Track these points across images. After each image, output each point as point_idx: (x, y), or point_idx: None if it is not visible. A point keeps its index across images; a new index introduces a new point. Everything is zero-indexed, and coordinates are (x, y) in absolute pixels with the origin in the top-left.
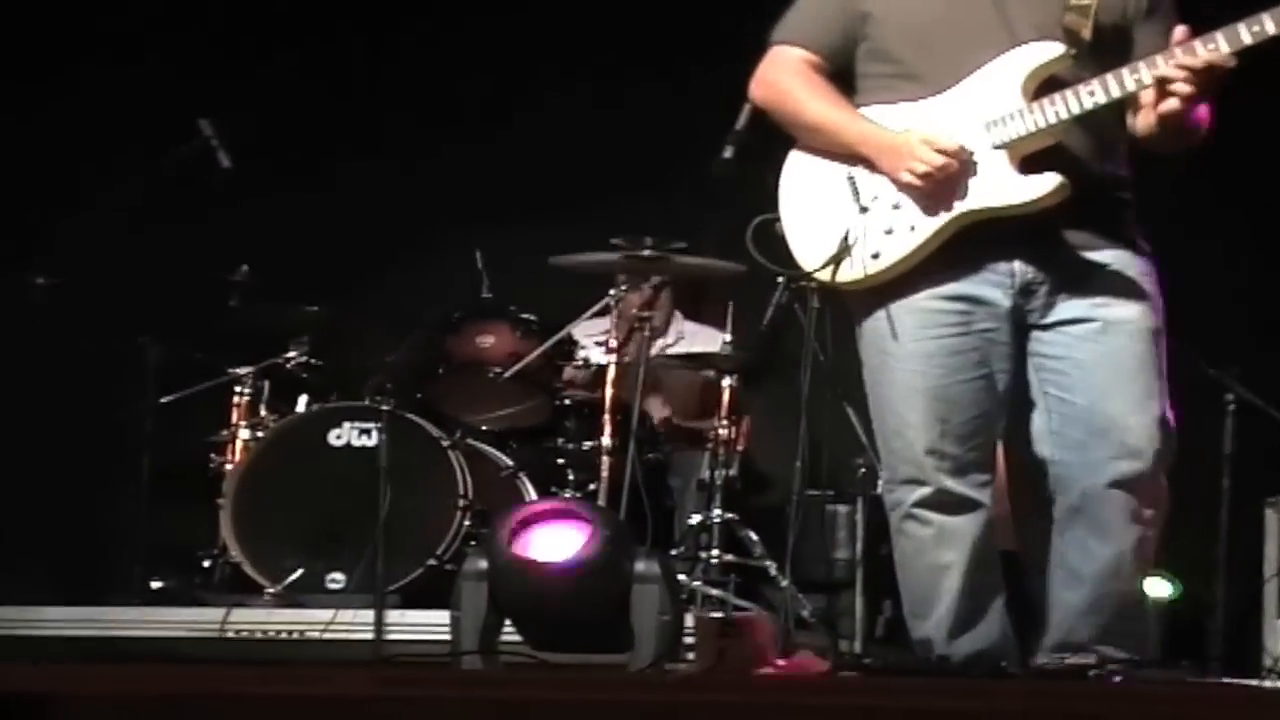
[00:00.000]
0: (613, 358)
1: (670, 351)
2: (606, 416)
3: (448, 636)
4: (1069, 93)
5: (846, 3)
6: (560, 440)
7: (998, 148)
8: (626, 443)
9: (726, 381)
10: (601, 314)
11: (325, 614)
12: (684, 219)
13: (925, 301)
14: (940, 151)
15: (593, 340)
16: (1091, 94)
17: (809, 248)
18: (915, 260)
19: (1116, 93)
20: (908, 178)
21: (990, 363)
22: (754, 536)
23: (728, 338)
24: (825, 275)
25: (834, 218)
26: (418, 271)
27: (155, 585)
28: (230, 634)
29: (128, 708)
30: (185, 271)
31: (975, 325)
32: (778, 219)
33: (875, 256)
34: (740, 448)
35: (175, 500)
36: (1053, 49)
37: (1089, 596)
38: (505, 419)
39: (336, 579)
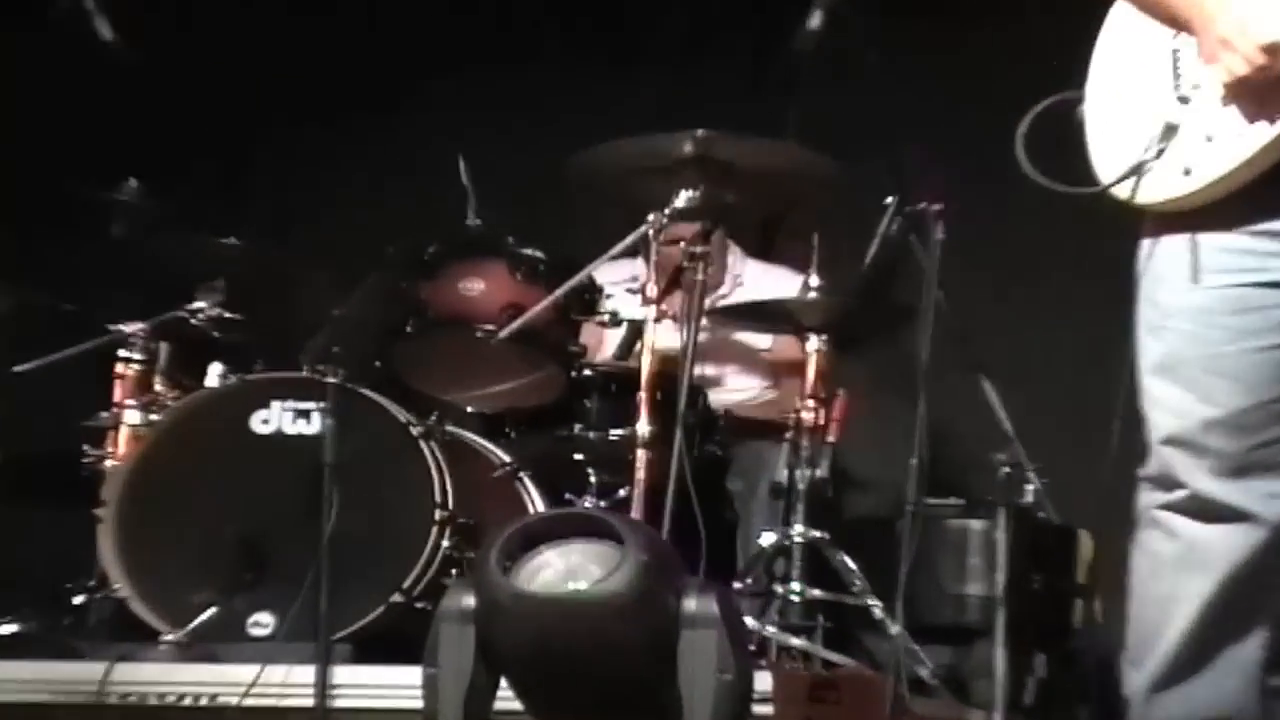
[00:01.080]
0: (651, 310)
1: (725, 303)
2: (643, 394)
3: (418, 703)
4: None
5: None
6: (578, 427)
7: None
8: (671, 430)
9: (812, 344)
10: (635, 250)
11: (247, 671)
12: (751, 112)
13: (1213, 236)
14: (1259, 46)
15: (623, 287)
16: None
17: (1109, 147)
18: (1240, 179)
19: None
20: (1221, 74)
21: None
22: (851, 563)
23: (814, 282)
24: (1123, 192)
25: (1146, 108)
26: (378, 189)
27: (5, 630)
28: (113, 698)
29: None
30: (47, 186)
31: None
32: (1079, 100)
33: (1187, 172)
34: (831, 438)
35: (34, 510)
36: None
37: None
38: (501, 396)
39: (263, 622)
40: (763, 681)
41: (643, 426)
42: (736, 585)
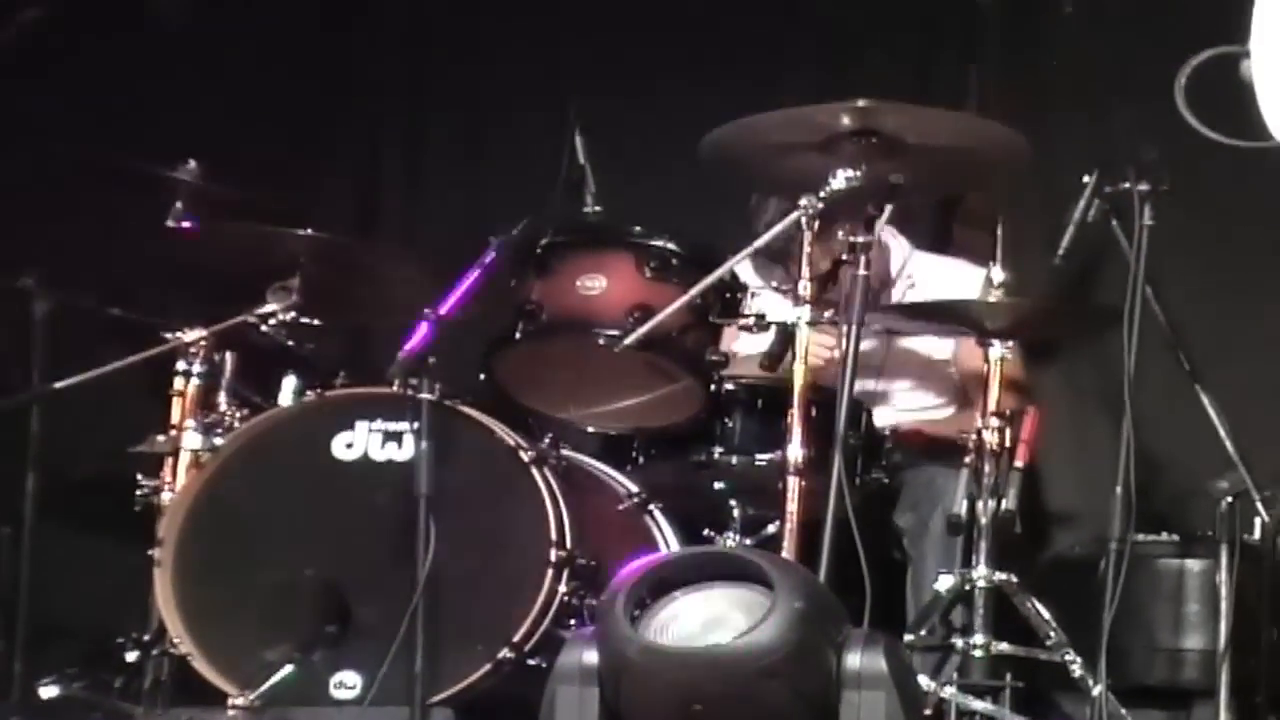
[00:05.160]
0: (805, 312)
1: (892, 303)
2: (795, 411)
3: None
4: None
5: None
6: (718, 450)
7: None
8: (829, 454)
9: (996, 351)
10: (785, 241)
11: None
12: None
13: None
14: None
15: (771, 284)
16: None
17: None
18: None
19: None
20: None
21: None
22: (1044, 612)
23: (998, 277)
24: None
25: None
26: (478, 169)
27: (47, 692)
28: None
29: None
30: (92, 170)
31: None
32: (1243, 54)
33: None
34: (1020, 462)
35: (80, 550)
36: None
37: None
38: (627, 414)
39: (348, 683)
40: None
41: (795, 450)
42: (908, 638)
